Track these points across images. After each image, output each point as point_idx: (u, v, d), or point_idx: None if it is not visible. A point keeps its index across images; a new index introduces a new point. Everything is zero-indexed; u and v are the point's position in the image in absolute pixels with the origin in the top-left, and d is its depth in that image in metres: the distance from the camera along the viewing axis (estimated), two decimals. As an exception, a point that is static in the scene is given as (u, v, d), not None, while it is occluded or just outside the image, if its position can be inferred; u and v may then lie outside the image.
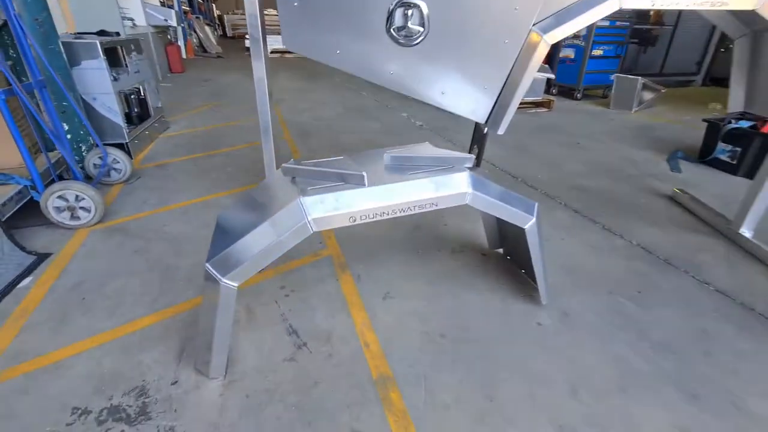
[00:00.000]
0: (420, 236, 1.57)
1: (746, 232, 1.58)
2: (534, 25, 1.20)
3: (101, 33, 2.28)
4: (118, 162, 1.93)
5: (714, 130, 2.51)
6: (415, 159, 0.98)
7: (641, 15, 6.52)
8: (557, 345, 1.06)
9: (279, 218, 0.83)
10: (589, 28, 4.61)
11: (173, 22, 5.23)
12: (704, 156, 2.58)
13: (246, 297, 1.21)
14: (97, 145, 1.81)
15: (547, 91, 5.09)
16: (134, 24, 4.34)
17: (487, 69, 1.27)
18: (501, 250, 1.48)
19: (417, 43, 1.25)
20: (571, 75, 4.85)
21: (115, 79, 2.14)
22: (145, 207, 1.76)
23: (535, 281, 1.17)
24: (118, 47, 2.26)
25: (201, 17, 11.00)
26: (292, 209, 0.83)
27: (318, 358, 1.00)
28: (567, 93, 5.00)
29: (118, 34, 2.40)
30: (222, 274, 0.82)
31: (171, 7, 6.70)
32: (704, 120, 2.57)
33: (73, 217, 1.53)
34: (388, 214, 0.89)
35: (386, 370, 0.97)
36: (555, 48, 5.17)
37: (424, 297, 1.23)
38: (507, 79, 1.28)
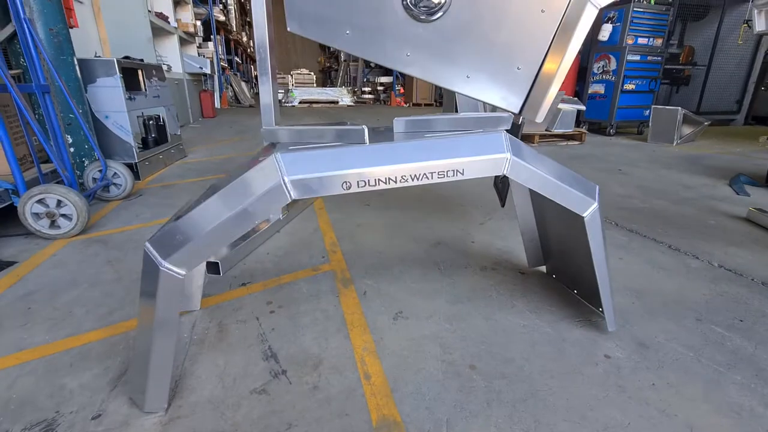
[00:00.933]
0: (442, 252, 1.31)
1: None
2: (574, -9, 1.01)
3: (126, 58, 2.31)
4: (119, 177, 1.82)
5: (783, 149, 2.18)
6: (434, 122, 0.76)
7: (672, 55, 6.39)
8: (637, 386, 0.74)
9: (247, 179, 0.62)
10: (619, 62, 4.49)
11: (207, 70, 5.52)
12: (774, 180, 2.24)
13: (220, 312, 0.97)
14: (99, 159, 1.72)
15: (578, 126, 4.89)
16: (170, 68, 4.58)
17: (520, 46, 1.08)
18: (544, 269, 1.19)
19: (437, 18, 1.08)
20: (602, 110, 4.65)
21: (131, 99, 2.11)
22: (135, 221, 1.60)
23: (596, 301, 0.87)
24: (139, 70, 2.27)
25: (238, 74, 11.85)
26: (265, 167, 0.62)
27: (298, 391, 0.73)
28: (598, 129, 4.78)
29: (142, 60, 2.43)
30: (164, 255, 0.60)
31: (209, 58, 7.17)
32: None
33: (53, 225, 1.38)
34: (395, 182, 0.65)
35: (392, 412, 0.68)
36: (583, 84, 5.05)
37: (448, 318, 0.95)
38: (545, 57, 1.08)
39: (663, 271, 1.20)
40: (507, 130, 0.96)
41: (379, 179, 0.64)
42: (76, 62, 1.81)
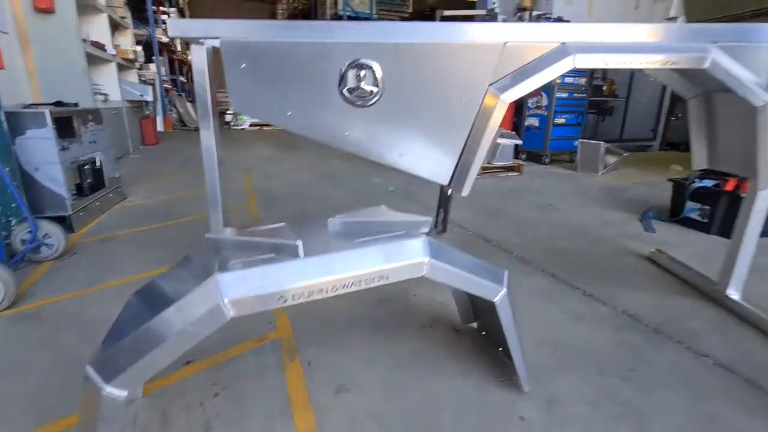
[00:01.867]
0: (385, 310, 1.40)
1: (733, 294, 1.47)
2: (490, 85, 1.16)
3: (57, 104, 2.22)
4: (50, 237, 1.73)
5: (680, 189, 2.53)
6: (364, 225, 0.85)
7: (596, 88, 7.08)
8: (547, 448, 0.86)
9: (188, 301, 0.67)
10: (550, 99, 4.93)
11: (149, 97, 5.33)
12: (675, 215, 2.58)
13: (164, 398, 0.98)
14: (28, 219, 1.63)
15: (516, 156, 5.27)
16: (107, 98, 4.38)
17: (446, 129, 1.21)
18: (475, 325, 1.31)
19: (372, 104, 1.19)
20: (537, 141, 5.06)
21: (64, 149, 2.03)
22: (70, 287, 1.54)
23: (513, 363, 0.99)
24: (73, 117, 2.18)
25: (183, 94, 11.44)
26: (206, 289, 0.67)
27: (242, 485, 0.77)
28: (535, 158, 5.18)
29: (76, 104, 2.34)
30: (106, 379, 0.63)
31: (151, 84, 6.91)
32: (669, 180, 2.62)
33: (-24, 302, 1.30)
34: (327, 292, 0.73)
35: (331, 500, 0.74)
36: (520, 116, 5.46)
37: (386, 389, 1.03)
38: (468, 139, 1.21)
39: (577, 321, 1.37)
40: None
41: (311, 292, 0.72)
42: (3, 117, 1.72)
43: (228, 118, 11.54)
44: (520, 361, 0.96)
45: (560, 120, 4.96)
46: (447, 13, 6.33)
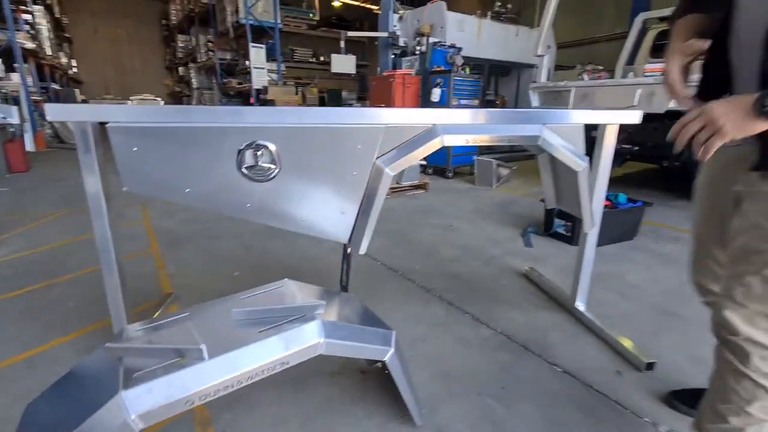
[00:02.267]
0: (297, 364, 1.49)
1: (580, 305, 1.86)
2: (377, 158, 1.33)
3: None
4: None
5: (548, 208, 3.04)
6: (265, 312, 0.95)
7: (490, 103, 7.89)
8: (435, 475, 1.05)
9: (93, 423, 0.70)
10: (448, 119, 5.39)
11: (14, 119, 4.63)
12: (548, 229, 3.08)
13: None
14: None
15: (424, 171, 5.67)
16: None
17: (341, 197, 1.35)
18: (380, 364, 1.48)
19: (271, 179, 1.28)
20: (441, 158, 5.51)
21: None
22: (-67, 381, 1.35)
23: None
24: None
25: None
26: (111, 408, 0.71)
27: None
28: (440, 173, 5.64)
29: None
30: None
31: (14, 96, 5.98)
32: (541, 200, 3.12)
33: None
34: (233, 387, 0.82)
35: None
36: (424, 135, 5.85)
37: (299, 445, 1.13)
38: (361, 204, 1.37)
39: (465, 347, 1.62)
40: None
41: (218, 390, 0.80)
42: None
43: (119, 131, 10.38)
44: (411, 402, 1.14)
45: (458, 138, 5.47)
46: (351, 34, 6.57)
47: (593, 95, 3.79)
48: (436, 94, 5.29)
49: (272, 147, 1.24)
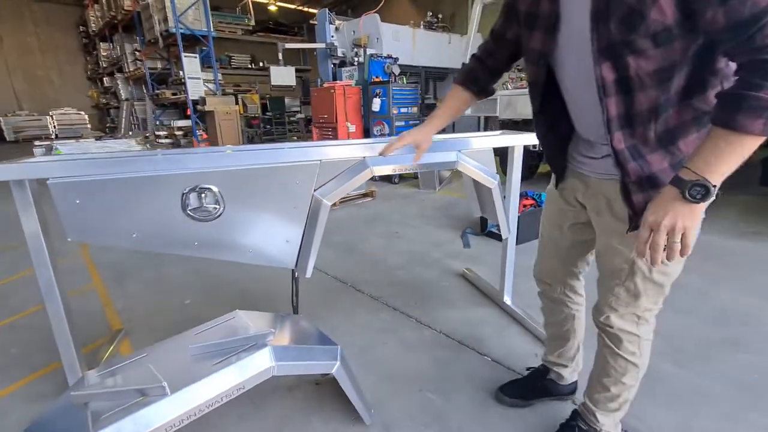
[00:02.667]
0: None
1: (507, 299, 2.13)
2: (315, 190, 1.47)
3: None
4: None
5: (482, 210, 3.34)
6: (219, 345, 1.07)
7: (431, 105, 8.23)
8: (383, 465, 1.22)
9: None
10: (391, 126, 5.63)
11: None
12: (483, 229, 3.38)
13: None
14: None
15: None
16: None
17: (285, 228, 1.48)
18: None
19: (217, 217, 1.38)
20: (385, 165, 5.72)
21: None
22: None
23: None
24: None
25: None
26: (82, 451, 0.80)
27: None
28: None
29: None
30: None
31: None
32: (475, 203, 3.42)
33: None
34: (195, 415, 0.93)
35: None
36: (368, 143, 6.05)
37: (261, 458, 1.25)
38: (303, 233, 1.51)
39: (409, 349, 1.81)
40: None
41: (182, 420, 0.91)
42: None
43: (38, 151, 9.55)
44: (359, 405, 1.31)
45: (401, 145, 5.72)
46: (289, 45, 6.58)
47: (516, 103, 4.19)
48: (376, 104, 5.49)
49: (215, 188, 1.34)
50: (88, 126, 17.11)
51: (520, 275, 2.30)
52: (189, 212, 1.33)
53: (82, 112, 17.29)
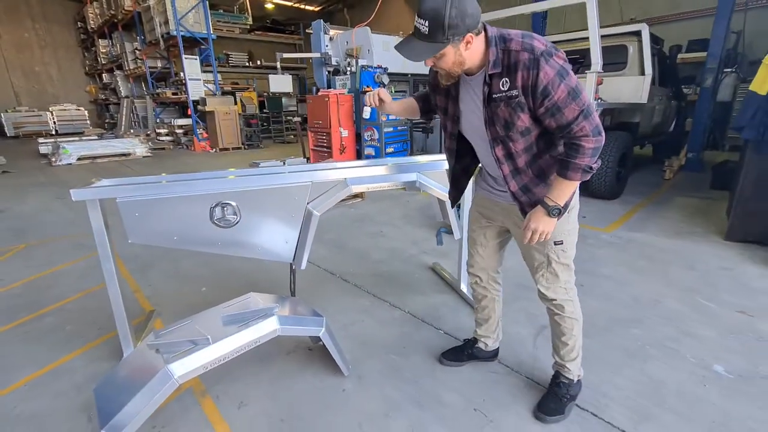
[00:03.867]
0: (259, 348, 2.10)
1: (463, 287, 2.64)
2: (308, 204, 1.96)
3: None
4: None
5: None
6: (241, 315, 1.56)
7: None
8: (358, 404, 1.73)
9: (151, 385, 1.28)
10: (380, 133, 6.11)
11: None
12: (456, 228, 3.88)
13: (122, 446, 1.51)
14: None
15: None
16: None
17: (285, 232, 1.97)
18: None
19: (235, 225, 1.87)
20: (375, 167, 6.21)
21: None
22: (-19, 394, 1.79)
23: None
24: None
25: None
26: (161, 375, 1.29)
27: (193, 471, 1.41)
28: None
29: None
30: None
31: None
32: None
33: None
34: (228, 358, 1.43)
35: (245, 460, 1.45)
36: (360, 146, 6.54)
37: (270, 396, 1.76)
38: (299, 235, 2.00)
39: (382, 324, 2.32)
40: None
41: (220, 360, 1.40)
42: None
43: (43, 149, 9.91)
44: (339, 361, 1.81)
45: (390, 149, 6.22)
46: (286, 55, 7.01)
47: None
48: (366, 111, 5.97)
49: (234, 203, 1.83)
50: (88, 122, 17.38)
51: (477, 268, 2.80)
52: (215, 221, 1.82)
53: (82, 108, 17.55)
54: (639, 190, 5.36)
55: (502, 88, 1.23)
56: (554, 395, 1.64)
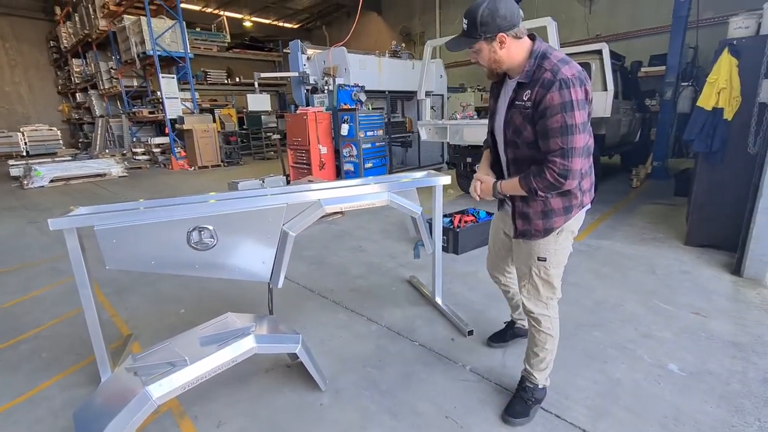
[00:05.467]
0: (239, 366, 2.14)
1: (438, 299, 2.74)
2: (283, 225, 2.04)
3: None
4: None
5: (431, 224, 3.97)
6: (219, 335, 1.62)
7: (398, 124, 8.87)
8: (335, 417, 1.79)
9: (131, 406, 1.32)
10: (358, 149, 6.23)
11: None
12: (432, 241, 4.00)
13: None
14: None
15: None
16: None
17: (261, 253, 2.04)
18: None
19: (212, 248, 1.93)
20: (354, 182, 6.31)
21: None
22: (-46, 426, 1.77)
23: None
24: None
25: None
26: (140, 397, 1.34)
27: (172, 491, 1.44)
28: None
29: None
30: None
31: None
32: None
33: None
34: (206, 377, 1.48)
35: (224, 478, 1.49)
36: (339, 162, 6.65)
37: (249, 415, 1.80)
38: (275, 256, 2.07)
39: (359, 339, 2.39)
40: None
41: (198, 379, 1.45)
42: None
43: (15, 171, 9.65)
44: (317, 376, 1.87)
45: (369, 165, 6.34)
46: (264, 75, 7.11)
47: (462, 131, 4.88)
48: (344, 128, 6.10)
49: (211, 227, 1.89)
50: (61, 142, 16.99)
51: (456, 282, 2.93)
52: (192, 245, 1.88)
53: (54, 128, 17.14)
54: (608, 199, 5.62)
55: (524, 99, 1.38)
56: (520, 399, 1.73)
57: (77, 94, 17.51)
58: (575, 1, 10.73)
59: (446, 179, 2.46)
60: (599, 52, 5.42)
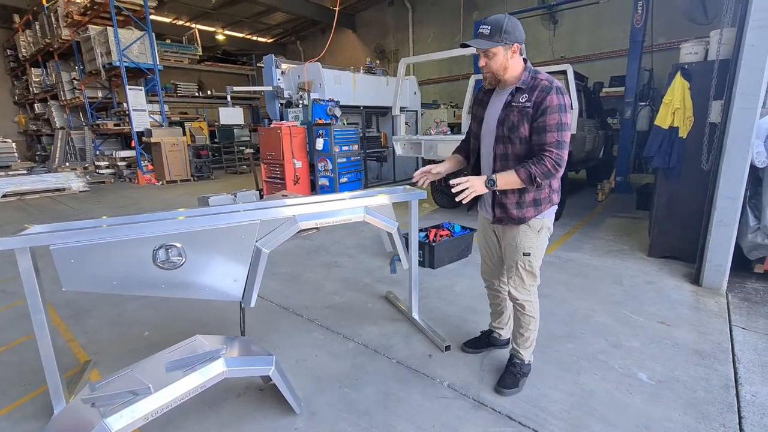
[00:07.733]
0: (208, 391, 2.03)
1: (415, 314, 2.72)
2: (256, 242, 1.98)
3: None
4: None
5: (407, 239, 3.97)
6: (186, 359, 1.53)
7: (373, 139, 8.92)
8: (308, 439, 1.72)
9: (86, 441, 1.22)
10: (333, 163, 6.21)
11: None
12: (408, 256, 4.00)
13: None
14: None
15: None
16: None
17: (233, 271, 1.97)
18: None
19: (180, 266, 1.85)
20: (329, 197, 6.27)
21: None
22: None
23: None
24: None
25: None
26: (98, 431, 1.23)
27: None
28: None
29: None
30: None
31: None
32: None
33: None
34: (172, 406, 1.38)
35: None
36: (315, 174, 6.60)
37: (217, 444, 1.70)
38: (248, 274, 2.00)
39: (335, 357, 2.33)
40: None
41: (163, 408, 1.36)
42: None
43: (-38, 185, 8.98)
44: (291, 398, 1.80)
45: (344, 179, 6.33)
46: (237, 88, 7.02)
47: (437, 146, 4.96)
48: (319, 143, 6.08)
49: (179, 245, 1.81)
50: (16, 155, 16.03)
51: (433, 296, 2.93)
52: (158, 264, 1.79)
53: (9, 140, 16.17)
54: (576, 212, 5.83)
55: (521, 100, 1.65)
56: (510, 373, 2.01)
57: (36, 105, 16.65)
58: (540, 24, 11.28)
59: (422, 194, 2.48)
60: (564, 72, 5.69)
